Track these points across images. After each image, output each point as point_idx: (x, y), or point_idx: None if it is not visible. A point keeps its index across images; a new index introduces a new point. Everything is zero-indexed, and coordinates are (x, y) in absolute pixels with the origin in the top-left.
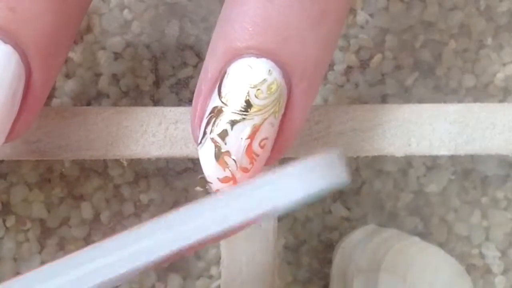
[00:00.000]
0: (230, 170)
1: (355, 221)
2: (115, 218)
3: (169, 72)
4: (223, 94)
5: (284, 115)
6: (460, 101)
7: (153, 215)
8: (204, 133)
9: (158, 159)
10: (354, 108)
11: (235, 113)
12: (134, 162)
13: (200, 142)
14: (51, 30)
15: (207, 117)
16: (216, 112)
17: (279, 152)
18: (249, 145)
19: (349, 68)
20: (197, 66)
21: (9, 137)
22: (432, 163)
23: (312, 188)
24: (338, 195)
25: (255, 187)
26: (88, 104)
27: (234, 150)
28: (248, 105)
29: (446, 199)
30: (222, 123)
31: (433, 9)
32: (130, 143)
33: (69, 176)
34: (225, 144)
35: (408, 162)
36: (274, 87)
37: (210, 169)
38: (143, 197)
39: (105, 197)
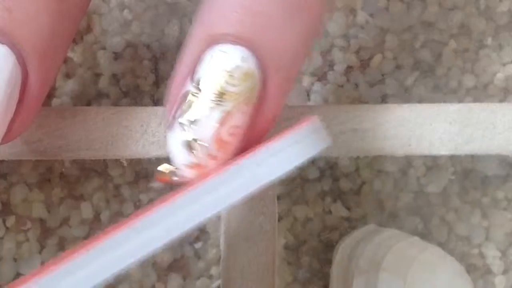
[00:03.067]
0: (197, 156)
1: (355, 221)
2: (115, 218)
3: (169, 72)
4: (196, 79)
5: (257, 105)
6: (460, 101)
7: None
8: (174, 117)
9: (158, 159)
10: (354, 108)
11: (207, 98)
12: (134, 162)
13: (170, 127)
14: (48, 30)
15: (177, 102)
16: (188, 97)
17: (250, 144)
18: (218, 131)
19: (349, 68)
20: None
21: (6, 138)
22: (432, 163)
23: (304, 157)
24: (338, 195)
25: (254, 162)
26: (88, 104)
27: (202, 135)
28: (221, 91)
29: (446, 199)
30: (192, 108)
31: (433, 9)
32: (130, 143)
33: (69, 176)
34: (194, 129)
35: (408, 162)
36: (247, 75)
37: (177, 154)
38: (143, 197)
39: (105, 197)
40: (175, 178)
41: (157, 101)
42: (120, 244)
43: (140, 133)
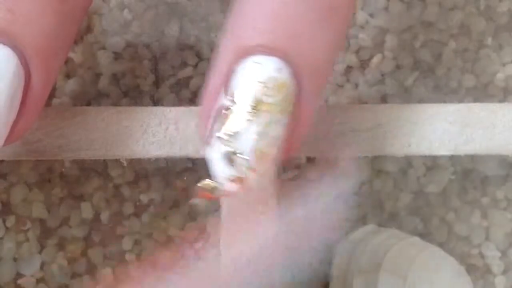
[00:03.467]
0: (239, 169)
1: (355, 221)
2: (115, 218)
3: (169, 72)
4: (231, 92)
5: (293, 113)
6: (460, 101)
7: (153, 215)
8: (212, 132)
9: (158, 159)
10: (354, 108)
11: (244, 111)
12: (134, 162)
13: (208, 141)
14: (50, 31)
15: (215, 116)
16: (224, 111)
17: (288, 152)
18: (258, 143)
19: (349, 68)
20: (197, 66)
21: (9, 139)
22: (432, 163)
23: None
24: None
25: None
26: (88, 104)
27: (242, 148)
28: (257, 103)
29: (446, 199)
30: (230, 121)
31: (433, 9)
32: (130, 143)
33: (69, 176)
34: (233, 142)
35: (408, 162)
36: (282, 85)
37: (218, 168)
38: (143, 197)
39: (105, 197)
40: (217, 193)
41: (157, 101)
42: None
43: (140, 133)
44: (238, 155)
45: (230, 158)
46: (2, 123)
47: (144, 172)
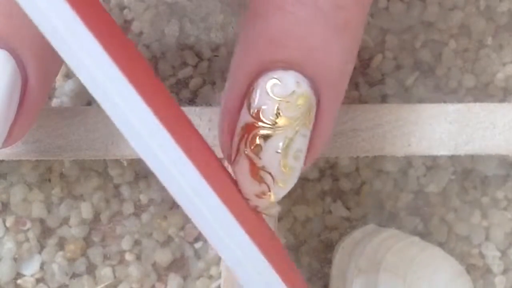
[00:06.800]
0: (266, 184)
1: (355, 221)
2: (115, 218)
3: (169, 72)
4: (253, 109)
5: (314, 124)
6: (460, 101)
7: (153, 215)
8: (238, 150)
9: None
10: (354, 108)
11: (267, 127)
12: (134, 162)
13: (234, 159)
14: None
15: (238, 134)
16: (248, 128)
17: (310, 160)
18: (283, 158)
19: None
20: (197, 66)
21: (7, 142)
22: (432, 163)
23: None
24: (338, 195)
25: None
26: (88, 104)
27: (269, 164)
28: (279, 118)
29: (446, 199)
30: (254, 139)
31: (433, 9)
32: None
33: (69, 176)
34: (260, 159)
35: (408, 162)
36: (303, 98)
37: (247, 185)
38: (143, 197)
39: (105, 197)
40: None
41: None
42: None
43: None
44: (266, 170)
45: (258, 174)
46: (0, 126)
47: (144, 172)
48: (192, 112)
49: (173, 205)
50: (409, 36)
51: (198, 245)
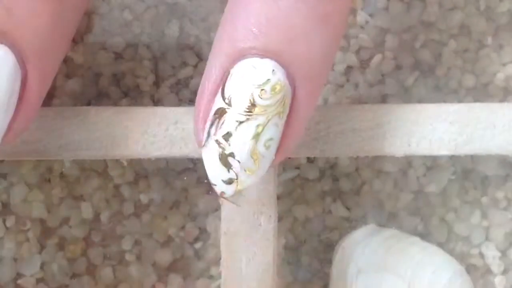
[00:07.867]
0: (234, 171)
1: (355, 221)
2: (115, 218)
3: (169, 72)
4: (226, 95)
5: (288, 115)
6: (460, 101)
7: (153, 215)
8: (208, 134)
9: (158, 159)
10: (354, 108)
11: (239, 114)
12: (134, 162)
13: (204, 143)
14: (47, 31)
15: (211, 119)
16: (220, 113)
17: (283, 153)
18: (254, 145)
19: (349, 68)
20: (197, 66)
21: (6, 138)
22: (432, 163)
23: None
24: (338, 195)
25: None
26: (88, 104)
27: (238, 151)
28: (252, 105)
29: (446, 199)
30: (226, 124)
31: (433, 9)
32: (130, 143)
33: (69, 176)
34: (229, 145)
35: (408, 162)
36: (278, 87)
37: (214, 170)
38: (143, 197)
39: (105, 197)
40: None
41: (157, 101)
42: None
43: (140, 133)
44: (235, 157)
45: (226, 160)
46: (0, 120)
47: (144, 172)
48: (192, 112)
49: (173, 205)
50: (409, 36)
51: (198, 245)
